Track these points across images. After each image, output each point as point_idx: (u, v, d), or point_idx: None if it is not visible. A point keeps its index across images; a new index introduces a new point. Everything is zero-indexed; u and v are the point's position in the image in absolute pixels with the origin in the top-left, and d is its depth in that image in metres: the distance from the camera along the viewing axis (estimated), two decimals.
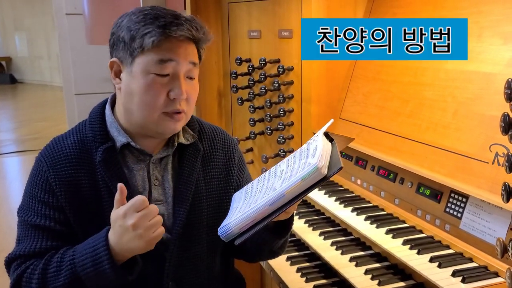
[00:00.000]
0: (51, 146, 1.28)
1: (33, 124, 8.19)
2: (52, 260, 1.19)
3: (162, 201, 1.30)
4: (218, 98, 2.54)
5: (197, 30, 1.20)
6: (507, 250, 0.99)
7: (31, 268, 1.20)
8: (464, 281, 1.31)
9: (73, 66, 4.42)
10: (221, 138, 1.43)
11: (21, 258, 1.22)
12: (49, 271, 1.18)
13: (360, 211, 1.78)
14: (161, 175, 1.31)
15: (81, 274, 1.15)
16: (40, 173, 1.24)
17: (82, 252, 1.16)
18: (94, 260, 1.13)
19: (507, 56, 1.46)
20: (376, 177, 1.89)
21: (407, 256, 1.46)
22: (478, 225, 1.43)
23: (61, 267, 1.17)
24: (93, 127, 1.27)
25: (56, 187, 1.22)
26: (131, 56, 1.19)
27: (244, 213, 1.08)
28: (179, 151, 1.34)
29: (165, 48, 1.17)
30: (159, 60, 1.17)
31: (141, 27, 1.16)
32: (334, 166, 1.03)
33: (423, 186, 1.65)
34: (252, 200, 1.11)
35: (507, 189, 0.99)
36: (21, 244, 1.24)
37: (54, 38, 9.40)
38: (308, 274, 1.56)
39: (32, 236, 1.22)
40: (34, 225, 1.22)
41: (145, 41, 1.15)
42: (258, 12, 2.30)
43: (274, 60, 2.25)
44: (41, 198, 1.23)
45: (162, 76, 1.19)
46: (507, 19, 1.50)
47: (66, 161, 1.24)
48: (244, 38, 2.37)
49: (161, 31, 1.15)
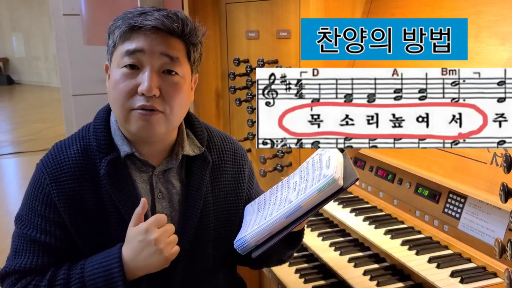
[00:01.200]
0: (53, 154, 1.20)
1: (30, 125, 8.16)
2: (57, 277, 1.14)
3: (166, 216, 1.23)
4: (216, 99, 2.53)
5: (172, 21, 1.11)
6: (505, 251, 0.99)
7: (33, 285, 1.14)
8: (463, 282, 1.31)
9: (71, 67, 4.40)
10: (230, 148, 1.35)
11: (18, 273, 1.16)
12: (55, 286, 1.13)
13: (359, 211, 1.78)
14: (165, 188, 1.24)
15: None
16: (42, 185, 1.17)
17: (93, 270, 1.11)
18: (107, 280, 1.09)
19: (505, 56, 1.46)
20: (374, 178, 1.89)
21: (406, 257, 1.46)
22: (476, 226, 1.43)
23: (68, 284, 1.12)
24: (97, 136, 1.19)
25: (59, 202, 1.15)
26: (110, 54, 1.17)
27: (260, 225, 1.07)
28: (187, 163, 1.27)
29: (132, 38, 1.11)
30: (126, 51, 1.11)
31: (113, 24, 1.15)
32: (350, 177, 1.03)
33: (422, 187, 1.65)
34: (267, 213, 1.10)
35: (505, 190, 0.99)
36: (18, 258, 1.17)
37: (51, 38, 9.37)
38: (307, 275, 1.56)
39: (31, 251, 1.16)
40: (33, 240, 1.16)
41: (115, 35, 1.13)
42: (256, 13, 2.29)
43: (272, 61, 2.25)
44: (42, 212, 1.16)
45: (131, 69, 1.11)
46: (505, 19, 1.50)
47: (69, 174, 1.16)
48: (242, 38, 2.37)
49: (127, 23, 1.11)
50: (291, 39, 2.18)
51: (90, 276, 1.11)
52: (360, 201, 1.91)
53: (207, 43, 2.54)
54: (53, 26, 4.52)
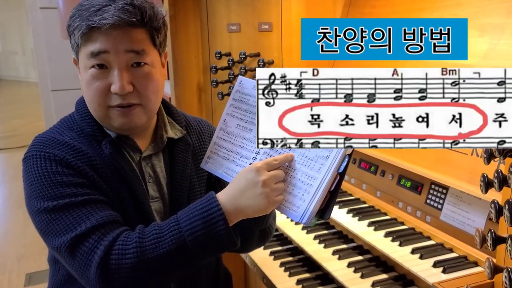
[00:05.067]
0: (48, 140, 1.15)
1: (9, 122, 8.00)
2: (147, 230, 1.06)
3: (158, 198, 1.25)
4: (198, 92, 2.51)
5: (129, 13, 1.08)
6: (486, 240, 1.01)
7: (122, 239, 1.04)
8: (445, 272, 1.32)
9: (49, 62, 4.31)
10: (207, 130, 1.39)
11: (99, 229, 1.05)
12: (147, 239, 1.04)
13: (342, 204, 1.79)
14: (153, 172, 1.26)
15: (188, 239, 1.03)
16: (55, 161, 1.10)
17: (189, 216, 1.05)
18: (206, 222, 1.03)
19: (484, 48, 1.48)
20: (357, 170, 1.90)
21: (389, 248, 1.47)
22: (458, 216, 1.45)
23: (161, 234, 1.04)
24: (88, 122, 1.19)
25: (82, 170, 1.10)
26: (75, 53, 1.15)
27: (313, 190, 1.05)
28: (169, 146, 1.29)
29: (94, 39, 1.08)
30: (90, 53, 1.09)
31: (71, 23, 1.11)
32: None
33: (404, 178, 1.67)
34: (303, 177, 1.08)
35: (485, 180, 1.00)
36: (82, 223, 1.05)
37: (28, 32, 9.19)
38: (292, 269, 1.56)
39: (90, 211, 1.06)
40: (83, 202, 1.07)
41: (75, 36, 1.10)
42: (237, 5, 2.27)
43: (254, 54, 2.24)
44: (72, 181, 1.09)
45: (100, 69, 1.11)
46: (484, 11, 1.52)
47: (77, 151, 1.13)
48: (223, 31, 2.35)
49: (85, 24, 1.07)
50: (272, 31, 2.17)
51: (186, 221, 1.04)
52: (344, 193, 1.92)
53: (188, 36, 2.51)
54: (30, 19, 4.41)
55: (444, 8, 1.66)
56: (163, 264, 1.03)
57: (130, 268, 1.01)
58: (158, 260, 1.03)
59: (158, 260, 1.03)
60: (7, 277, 3.44)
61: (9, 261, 3.64)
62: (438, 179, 1.51)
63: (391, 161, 1.69)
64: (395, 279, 1.41)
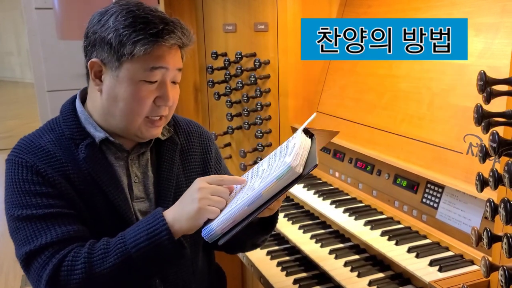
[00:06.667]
0: (26, 144, 1.19)
1: (4, 122, 7.97)
2: (96, 246, 1.10)
3: (143, 199, 1.28)
4: (194, 93, 2.51)
5: (186, 36, 1.19)
6: (481, 239, 1.01)
7: (72, 255, 1.08)
8: (441, 270, 1.33)
9: (45, 62, 4.29)
10: (196, 131, 1.42)
11: (51, 247, 1.10)
12: (95, 255, 1.08)
13: (339, 203, 1.79)
14: (141, 172, 1.28)
15: (132, 251, 1.07)
16: (26, 168, 1.15)
17: (134, 230, 1.09)
18: (149, 233, 1.07)
19: (478, 47, 1.48)
20: (353, 169, 1.91)
21: (386, 247, 1.47)
22: (453, 215, 1.46)
23: (108, 248, 1.09)
24: (68, 125, 1.22)
25: (50, 178, 1.14)
26: (118, 61, 1.14)
27: (225, 214, 1.07)
28: (156, 146, 1.32)
29: (156, 56, 1.14)
30: (150, 68, 1.15)
31: (131, 33, 1.12)
32: (310, 164, 1.03)
33: (400, 177, 1.67)
34: (234, 200, 1.11)
35: (481, 179, 1.00)
36: (38, 237, 1.10)
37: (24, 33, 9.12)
38: (289, 268, 1.56)
39: (48, 227, 1.11)
40: (44, 216, 1.11)
41: (136, 48, 1.12)
42: (233, 5, 2.27)
43: (250, 54, 2.24)
44: (38, 191, 1.13)
45: (151, 83, 1.17)
46: (478, 10, 1.52)
47: (50, 156, 1.17)
48: (219, 32, 2.35)
49: (154, 40, 1.12)
50: (268, 32, 2.17)
51: (131, 234, 1.09)
52: (340, 193, 1.92)
53: None
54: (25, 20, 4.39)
55: (439, 8, 1.67)
56: (111, 278, 1.08)
57: (78, 283, 1.07)
58: (105, 275, 1.07)
59: (105, 275, 1.07)
60: (4, 278, 3.44)
61: (5, 262, 3.63)
62: (434, 178, 1.51)
63: (387, 160, 1.70)
64: (392, 278, 1.42)
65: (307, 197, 1.90)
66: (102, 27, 1.15)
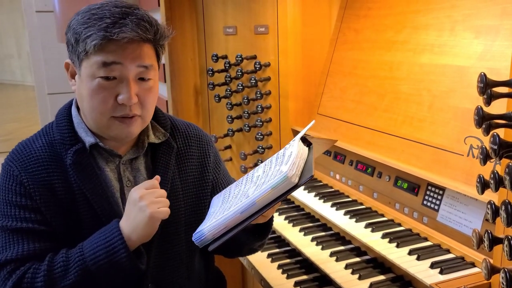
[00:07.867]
0: (18, 150, 1.23)
1: (4, 125, 7.96)
2: (55, 260, 1.14)
3: None
4: (194, 95, 2.51)
5: (146, 30, 1.14)
6: (482, 241, 1.01)
7: (31, 272, 1.13)
8: (442, 273, 1.33)
9: (45, 65, 4.30)
10: (195, 134, 1.40)
11: (12, 263, 1.14)
12: (55, 271, 1.13)
13: (339, 206, 1.79)
14: (133, 176, 1.28)
15: (92, 267, 1.11)
16: (12, 177, 1.20)
17: (92, 245, 1.13)
18: (108, 251, 1.11)
19: (479, 49, 1.48)
20: (354, 172, 1.91)
21: (387, 250, 1.47)
22: (454, 217, 1.46)
23: (68, 264, 1.13)
24: (61, 129, 1.23)
25: (32, 189, 1.18)
26: (78, 59, 1.16)
27: (217, 219, 1.07)
28: (152, 150, 1.31)
29: (108, 50, 1.12)
30: (102, 63, 1.12)
31: (83, 30, 1.12)
32: (306, 174, 1.02)
33: (401, 180, 1.67)
34: (227, 206, 1.10)
35: (481, 181, 1.00)
36: (5, 251, 1.16)
37: (24, 36, 9.13)
38: (289, 271, 1.56)
39: (17, 241, 1.16)
40: (16, 230, 1.17)
41: (87, 44, 1.11)
42: (233, 8, 2.27)
43: (251, 57, 2.24)
44: (18, 202, 1.18)
45: (109, 80, 1.14)
46: (478, 13, 1.52)
47: (38, 164, 1.20)
48: (219, 34, 2.35)
49: (102, 35, 1.10)
50: (269, 34, 2.17)
51: (90, 251, 1.12)
52: (341, 195, 1.92)
53: (185, 39, 2.51)
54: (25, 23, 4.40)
55: (439, 10, 1.67)
56: None
57: None
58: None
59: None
60: None
61: None
62: (434, 180, 1.51)
63: (388, 162, 1.69)
64: (393, 280, 1.41)
65: (307, 199, 1.90)
66: (68, 28, 1.17)
